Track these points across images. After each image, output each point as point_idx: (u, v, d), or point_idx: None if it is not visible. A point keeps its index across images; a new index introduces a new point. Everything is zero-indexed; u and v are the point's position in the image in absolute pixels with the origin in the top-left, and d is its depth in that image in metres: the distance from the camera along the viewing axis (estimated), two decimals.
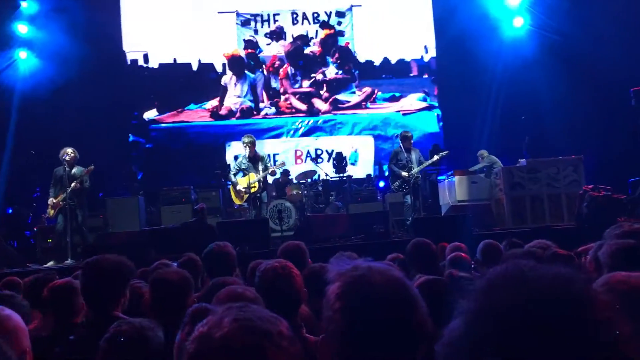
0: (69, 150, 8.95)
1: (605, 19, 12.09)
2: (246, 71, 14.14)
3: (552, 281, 0.80)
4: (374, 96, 14.49)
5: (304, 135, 14.14)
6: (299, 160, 13.87)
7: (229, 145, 13.71)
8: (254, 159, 9.44)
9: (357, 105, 14.42)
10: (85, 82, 12.02)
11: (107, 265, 2.74)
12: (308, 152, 13.97)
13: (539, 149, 10.77)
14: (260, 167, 9.37)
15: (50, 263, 8.75)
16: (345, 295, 1.22)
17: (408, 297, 1.23)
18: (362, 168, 13.67)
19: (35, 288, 3.61)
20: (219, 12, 14.17)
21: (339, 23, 14.57)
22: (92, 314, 2.70)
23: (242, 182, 9.43)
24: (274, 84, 14.38)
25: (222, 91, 14.06)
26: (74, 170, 8.92)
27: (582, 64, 12.43)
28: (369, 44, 14.62)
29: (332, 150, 13.53)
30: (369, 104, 14.46)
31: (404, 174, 9.64)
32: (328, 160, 13.53)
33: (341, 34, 14.56)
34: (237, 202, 9.86)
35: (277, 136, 14.09)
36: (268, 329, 1.02)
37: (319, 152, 13.97)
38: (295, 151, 13.97)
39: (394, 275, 1.26)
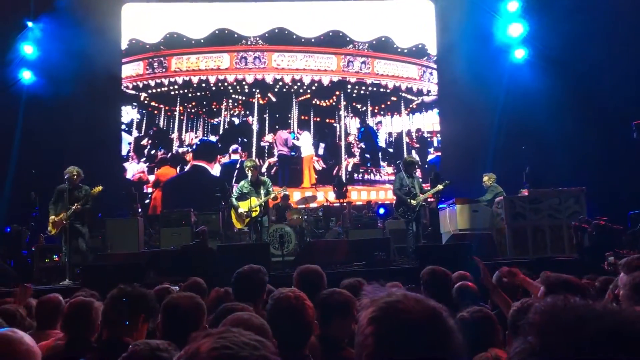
0: (74, 170, 8.91)
1: (608, 53, 12.23)
2: None
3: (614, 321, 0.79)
4: None
5: None
6: None
7: None
8: (256, 184, 9.44)
9: None
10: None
11: (133, 296, 2.81)
12: None
13: (540, 179, 10.76)
14: (262, 192, 9.37)
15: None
16: (378, 319, 1.19)
17: (444, 328, 1.19)
18: None
19: (44, 308, 3.61)
20: None
21: None
22: (107, 336, 2.70)
23: (243, 206, 9.40)
24: None
25: None
26: (78, 190, 8.88)
27: (586, 95, 12.51)
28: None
29: None
30: None
31: (410, 201, 9.55)
32: None
33: None
34: (238, 226, 9.82)
35: None
36: (247, 356, 0.96)
37: None
38: None
39: (431, 304, 1.23)
